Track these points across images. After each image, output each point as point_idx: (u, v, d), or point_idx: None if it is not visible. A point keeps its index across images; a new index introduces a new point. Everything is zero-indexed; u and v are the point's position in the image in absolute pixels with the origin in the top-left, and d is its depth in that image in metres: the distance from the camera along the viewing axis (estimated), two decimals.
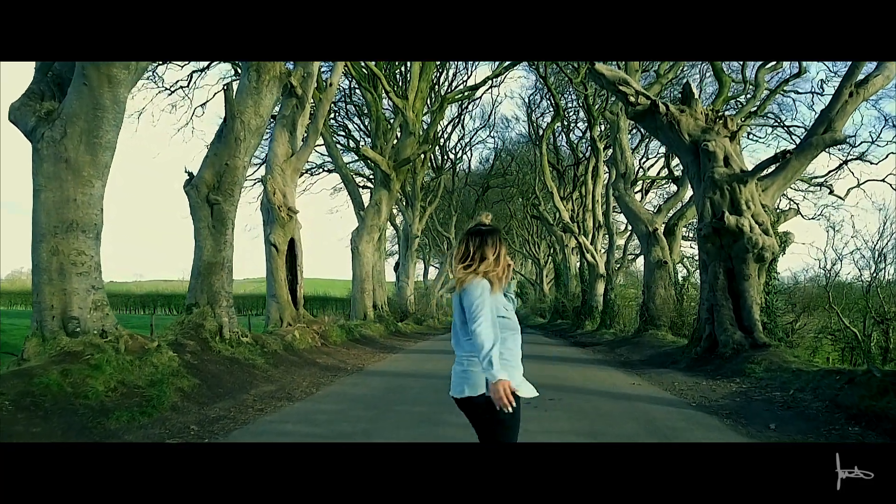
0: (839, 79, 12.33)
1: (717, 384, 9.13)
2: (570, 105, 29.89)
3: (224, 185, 10.17)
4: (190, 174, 10.34)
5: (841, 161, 20.68)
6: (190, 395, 7.38)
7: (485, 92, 29.74)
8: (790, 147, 13.94)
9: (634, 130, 25.88)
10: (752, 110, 20.32)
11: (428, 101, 25.63)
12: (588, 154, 28.58)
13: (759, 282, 11.29)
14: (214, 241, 10.18)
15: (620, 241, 28.54)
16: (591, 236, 27.21)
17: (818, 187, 22.23)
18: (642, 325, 17.72)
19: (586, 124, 27.81)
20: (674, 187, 23.72)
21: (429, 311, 31.26)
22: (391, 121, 24.41)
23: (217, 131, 10.41)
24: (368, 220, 21.06)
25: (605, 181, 25.76)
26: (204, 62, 21.73)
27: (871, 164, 21.51)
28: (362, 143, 26.49)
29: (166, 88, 23.35)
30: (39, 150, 7.04)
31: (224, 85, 10.41)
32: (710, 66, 19.57)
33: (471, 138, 38.54)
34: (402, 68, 25.17)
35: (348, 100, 28.82)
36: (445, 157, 35.14)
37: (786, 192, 16.12)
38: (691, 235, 25.87)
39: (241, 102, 10.35)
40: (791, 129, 22.69)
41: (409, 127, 21.37)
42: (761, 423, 6.52)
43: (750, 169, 11.72)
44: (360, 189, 26.73)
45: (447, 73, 29.03)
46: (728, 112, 17.04)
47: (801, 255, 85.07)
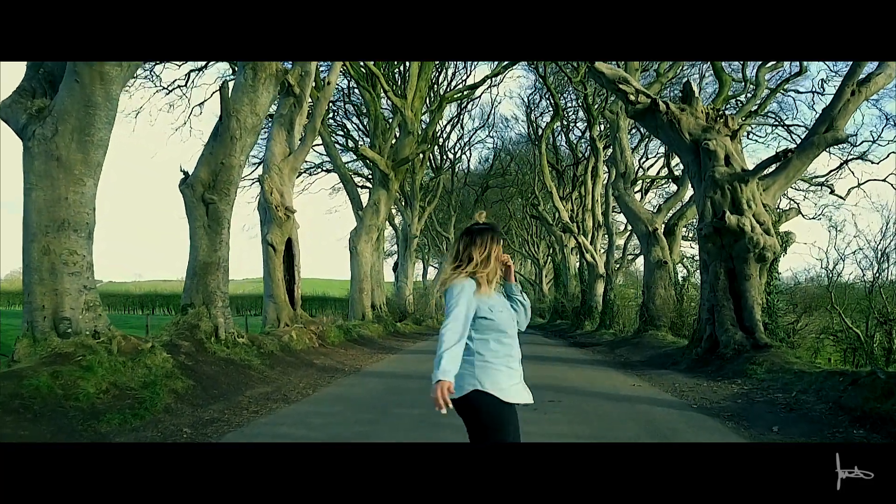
0: (840, 78, 12.25)
1: (718, 385, 9.03)
2: (569, 105, 29.81)
3: (220, 184, 10.05)
4: (185, 173, 10.22)
5: (841, 161, 20.60)
6: (184, 397, 7.27)
7: (484, 91, 29.70)
8: (790, 146, 13.84)
9: (634, 130, 25.77)
10: (753, 110, 20.22)
11: (427, 101, 25.52)
12: (587, 154, 28.51)
13: (761, 282, 11.19)
14: (210, 241, 10.07)
15: (620, 241, 28.45)
16: (590, 236, 27.12)
17: (819, 187, 22.14)
18: (642, 325, 17.63)
19: (586, 124, 27.73)
20: (674, 187, 23.63)
21: (428, 311, 31.15)
22: (390, 120, 24.33)
23: (213, 130, 10.28)
24: (367, 219, 20.96)
25: (605, 181, 25.67)
26: (201, 61, 21.61)
27: (872, 163, 21.47)
28: (361, 142, 26.37)
29: (164, 88, 23.33)
30: (30, 149, 6.94)
31: (220, 83, 10.30)
32: (711, 66, 19.46)
33: (470, 138, 38.49)
34: (401, 67, 25.06)
35: (347, 99, 28.74)
36: (444, 156, 35.04)
37: (786, 191, 16.01)
38: (691, 235, 25.77)
39: (237, 101, 10.23)
40: (791, 128, 22.60)
41: (407, 126, 21.27)
42: (764, 425, 6.42)
43: (751, 168, 11.62)
44: (359, 189, 26.64)
45: (446, 73, 28.95)
46: (728, 111, 16.94)
47: (802, 256, 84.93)
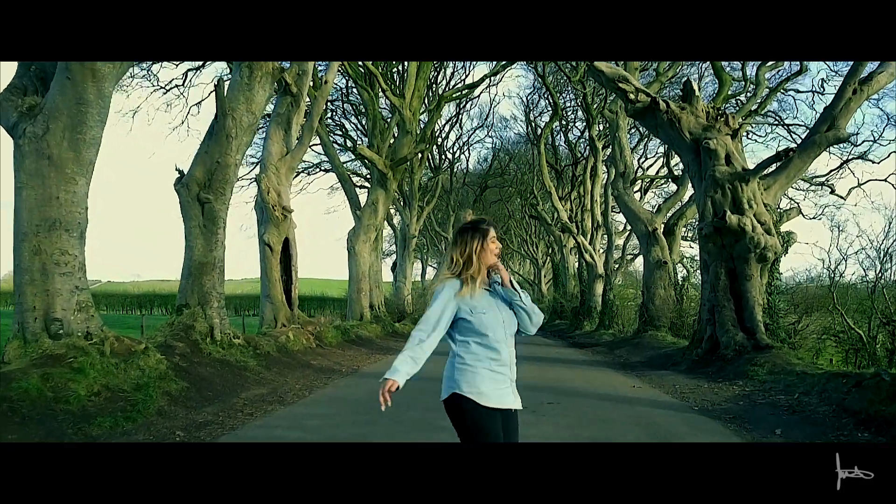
0: (840, 77, 12.17)
1: (719, 387, 8.93)
2: (568, 104, 29.69)
3: (215, 183, 9.94)
4: (180, 172, 10.11)
5: (842, 161, 20.50)
6: (178, 399, 7.16)
7: (482, 91, 29.54)
8: (790, 146, 13.75)
9: (633, 129, 25.68)
10: (753, 109, 20.13)
11: (425, 100, 25.39)
12: (586, 153, 28.39)
13: (762, 282, 11.10)
14: (205, 241, 9.96)
15: (619, 241, 28.35)
16: (589, 236, 27.01)
17: (819, 187, 22.04)
18: (641, 325, 17.54)
19: (585, 123, 27.62)
20: (673, 187, 23.54)
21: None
22: (388, 120, 24.20)
23: (208, 128, 10.17)
24: (365, 219, 20.85)
25: (604, 180, 25.57)
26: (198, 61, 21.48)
27: (872, 163, 21.35)
28: (359, 142, 26.24)
29: (161, 87, 23.16)
30: (21, 147, 6.83)
31: (215, 81, 10.19)
32: (710, 65, 19.37)
33: (469, 138, 38.37)
34: (400, 67, 24.92)
35: (345, 99, 28.59)
36: (443, 156, 34.92)
37: (786, 191, 15.91)
38: (691, 235, 25.69)
39: (232, 99, 10.12)
40: (791, 127, 22.51)
41: (405, 126, 21.14)
42: (766, 427, 6.32)
43: (752, 167, 11.52)
44: (357, 189, 26.52)
45: (445, 72, 28.82)
46: (728, 111, 16.83)
47: (803, 255, 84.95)
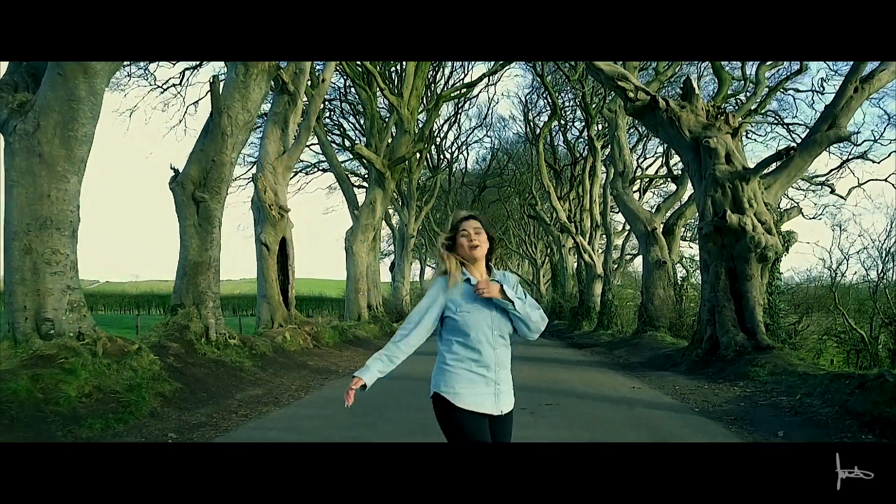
0: (840, 77, 12.10)
1: (719, 388, 8.83)
2: (567, 104, 29.59)
3: (210, 181, 9.83)
4: (175, 171, 10.00)
5: (842, 160, 20.42)
6: (171, 401, 7.05)
7: (481, 91, 29.46)
8: (789, 145, 13.64)
9: (632, 129, 25.59)
10: (752, 108, 20.05)
11: (423, 100, 25.29)
12: (585, 153, 28.29)
13: (762, 282, 11.00)
14: (200, 240, 9.85)
15: (618, 241, 28.25)
16: (588, 236, 26.90)
17: (819, 186, 21.97)
18: (641, 326, 17.44)
19: (583, 123, 27.52)
20: (672, 186, 23.45)
21: None
22: (386, 119, 24.09)
23: (203, 126, 10.07)
24: (363, 219, 20.74)
25: (603, 180, 25.47)
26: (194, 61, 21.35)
27: (873, 162, 21.28)
28: (357, 142, 26.14)
29: (158, 86, 23.01)
30: (11, 144, 6.72)
31: (210, 78, 10.08)
32: (710, 64, 19.28)
33: (467, 137, 38.37)
34: (398, 66, 24.82)
35: (343, 98, 28.48)
36: (441, 156, 34.82)
37: (787, 191, 15.82)
38: (690, 235, 25.60)
39: (228, 97, 10.02)
40: (791, 127, 22.43)
41: (403, 125, 21.03)
42: (769, 429, 6.22)
43: (752, 166, 11.42)
44: (355, 188, 26.40)
45: (443, 71, 28.71)
46: (728, 109, 16.74)
47: (804, 255, 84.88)
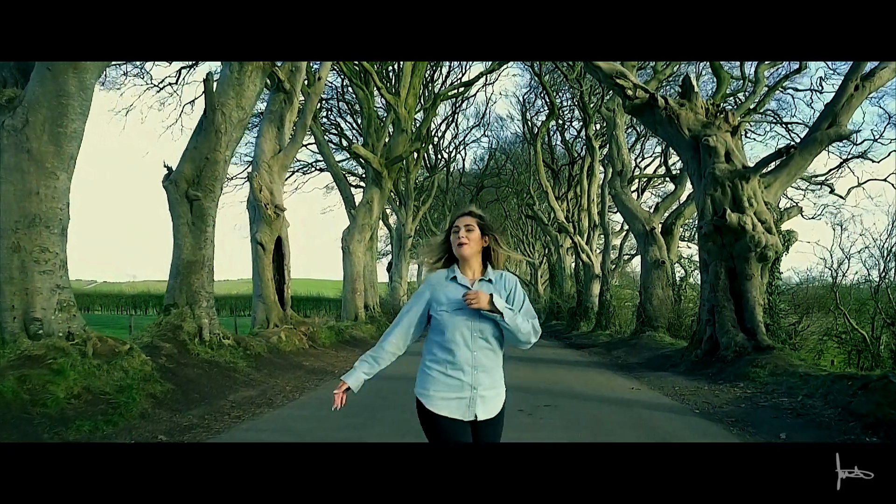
0: (839, 76, 12.00)
1: (719, 389, 8.73)
2: (565, 103, 29.49)
3: (204, 180, 9.70)
4: (169, 169, 9.87)
5: (841, 160, 20.34)
6: (162, 402, 6.92)
7: (479, 90, 29.37)
8: (789, 144, 13.55)
9: (630, 128, 25.49)
10: (751, 107, 19.96)
11: (421, 99, 25.17)
12: (583, 153, 28.18)
13: (762, 282, 10.90)
14: (194, 239, 9.72)
15: (616, 241, 28.15)
16: (586, 236, 26.79)
17: (819, 186, 21.89)
18: (639, 326, 17.33)
19: (581, 122, 27.41)
20: (671, 186, 23.35)
21: None
22: (383, 118, 23.97)
23: (197, 124, 9.94)
24: (360, 219, 20.61)
25: (601, 180, 25.37)
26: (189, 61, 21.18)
27: (873, 161, 21.20)
28: (355, 141, 26.00)
29: (154, 85, 22.89)
30: (0, 140, 6.59)
31: (205, 75, 9.94)
32: (709, 63, 19.19)
33: (465, 137, 38.20)
34: (395, 65, 24.70)
35: (340, 97, 28.36)
36: (439, 156, 34.70)
37: (787, 190, 15.73)
38: (688, 235, 25.52)
39: (222, 94, 9.89)
40: (790, 126, 22.35)
41: (401, 124, 20.92)
42: (770, 431, 6.12)
43: (752, 165, 11.33)
44: (353, 188, 26.28)
45: (440, 71, 28.58)
46: (727, 108, 16.64)
47: (804, 255, 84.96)
